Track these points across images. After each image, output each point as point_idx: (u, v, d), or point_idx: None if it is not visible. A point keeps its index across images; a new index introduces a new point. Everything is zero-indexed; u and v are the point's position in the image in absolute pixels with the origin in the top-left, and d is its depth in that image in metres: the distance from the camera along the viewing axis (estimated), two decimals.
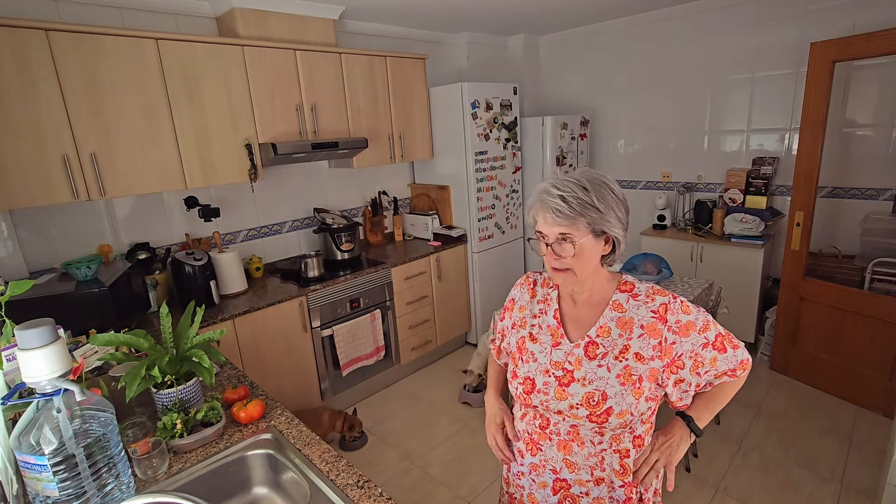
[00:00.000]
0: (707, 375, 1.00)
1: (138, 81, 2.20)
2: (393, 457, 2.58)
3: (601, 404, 0.96)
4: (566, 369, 1.01)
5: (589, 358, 1.00)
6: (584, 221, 0.94)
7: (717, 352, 0.99)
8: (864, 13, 2.81)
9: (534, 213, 1.00)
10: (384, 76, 3.18)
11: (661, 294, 1.01)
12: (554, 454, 1.06)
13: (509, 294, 1.20)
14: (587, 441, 1.02)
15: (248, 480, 1.26)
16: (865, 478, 2.22)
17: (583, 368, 0.99)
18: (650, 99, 3.85)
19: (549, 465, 1.07)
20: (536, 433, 1.08)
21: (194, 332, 1.34)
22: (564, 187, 0.96)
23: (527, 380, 1.05)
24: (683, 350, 0.97)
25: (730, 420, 2.70)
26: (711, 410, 1.06)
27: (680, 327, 0.97)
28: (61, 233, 2.34)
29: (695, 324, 0.97)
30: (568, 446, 1.04)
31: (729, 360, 1.00)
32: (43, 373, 0.83)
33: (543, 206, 0.96)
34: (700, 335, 0.97)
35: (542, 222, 0.97)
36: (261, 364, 2.54)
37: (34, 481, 0.84)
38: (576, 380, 0.99)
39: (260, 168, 2.65)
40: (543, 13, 3.49)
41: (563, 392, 1.00)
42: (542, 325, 1.08)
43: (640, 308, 1.00)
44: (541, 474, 1.09)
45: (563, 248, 0.96)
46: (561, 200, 0.94)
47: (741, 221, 3.23)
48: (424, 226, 3.62)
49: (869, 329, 2.66)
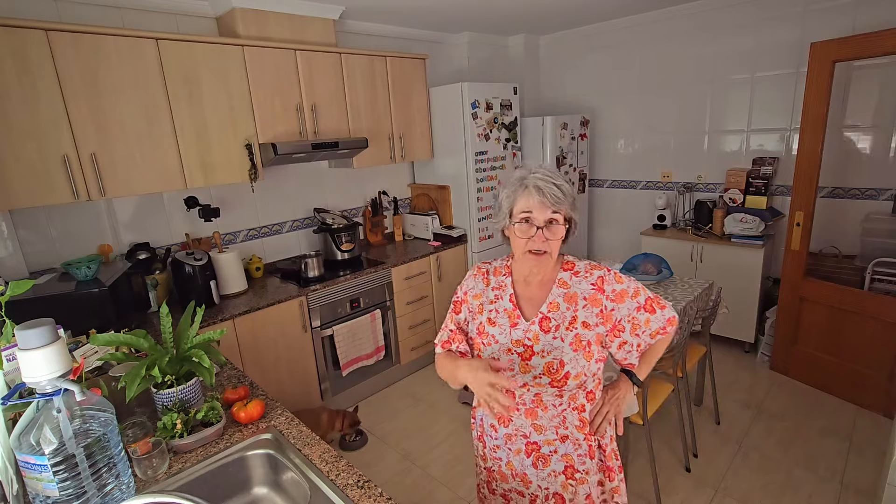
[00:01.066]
0: (644, 336, 1.15)
1: (138, 81, 2.20)
2: (393, 457, 2.58)
3: (560, 370, 1.10)
4: (526, 345, 1.13)
5: (544, 332, 1.13)
6: (567, 207, 1.08)
7: (649, 313, 1.15)
8: (864, 13, 2.81)
9: (524, 198, 1.08)
10: (384, 76, 3.18)
11: (597, 268, 1.17)
12: (523, 421, 1.18)
13: (461, 287, 1.27)
14: (549, 405, 1.15)
15: (248, 480, 1.26)
16: (865, 478, 2.22)
17: (541, 342, 1.12)
18: (650, 99, 3.85)
19: (520, 431, 1.19)
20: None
21: (194, 332, 1.34)
22: (554, 177, 1.09)
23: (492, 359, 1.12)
24: (622, 315, 1.13)
25: (730, 420, 2.70)
26: (649, 364, 1.25)
27: (616, 295, 1.13)
28: (61, 233, 2.34)
29: (627, 291, 1.14)
30: (534, 412, 1.16)
31: (659, 320, 1.16)
32: (43, 373, 0.83)
33: (539, 191, 1.06)
34: (633, 300, 1.14)
35: (536, 206, 1.07)
36: (261, 364, 2.54)
37: (34, 481, 0.84)
38: (535, 353, 1.12)
39: (260, 168, 2.65)
40: (543, 13, 3.49)
41: (527, 365, 1.13)
42: (498, 309, 1.18)
43: (581, 283, 1.15)
44: (514, 442, 1.21)
45: (552, 231, 1.08)
46: (556, 187, 1.07)
47: (741, 221, 3.23)
48: (424, 226, 3.62)
49: (869, 329, 2.66)
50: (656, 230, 3.69)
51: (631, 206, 4.18)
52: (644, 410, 2.01)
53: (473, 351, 1.22)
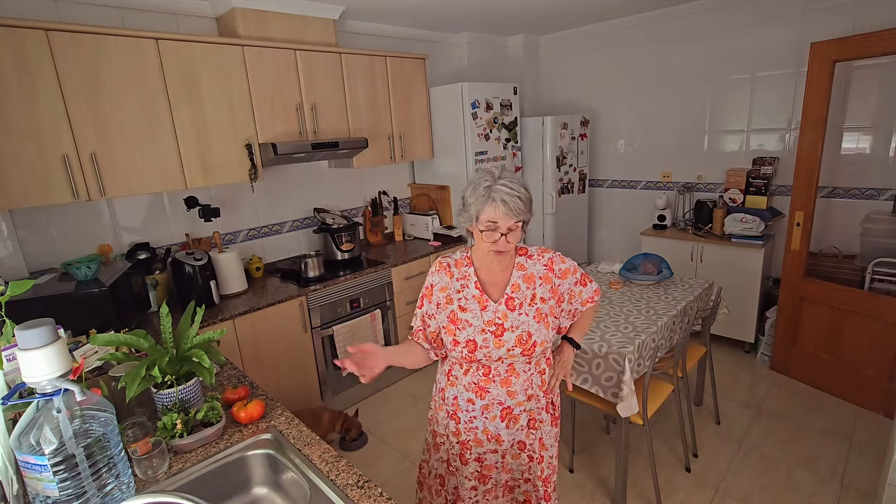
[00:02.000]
0: (576, 303, 1.41)
1: (138, 81, 2.20)
2: (393, 457, 2.58)
3: (528, 340, 1.30)
4: (497, 323, 1.31)
5: (510, 310, 1.32)
6: (527, 215, 1.25)
7: (582, 286, 1.41)
8: (864, 13, 2.81)
9: (489, 208, 1.21)
10: (384, 76, 3.18)
11: (546, 252, 1.39)
12: (498, 391, 1.37)
13: (426, 282, 1.41)
14: (521, 372, 1.36)
15: (248, 480, 1.26)
16: (865, 478, 2.22)
17: (509, 319, 1.31)
18: (650, 99, 3.85)
19: (496, 400, 1.37)
20: (482, 381, 1.36)
21: (194, 332, 1.34)
22: (518, 189, 1.22)
23: (469, 342, 1.30)
24: (565, 289, 1.38)
25: (730, 420, 2.70)
26: (583, 329, 1.50)
27: (561, 273, 1.37)
28: (61, 233, 2.34)
29: (570, 269, 1.39)
30: (508, 381, 1.36)
31: (588, 291, 1.42)
32: (43, 373, 0.83)
33: (504, 204, 1.20)
34: (573, 276, 1.39)
35: (501, 217, 1.21)
36: (261, 364, 2.54)
37: (34, 481, 0.84)
38: (506, 329, 1.30)
39: (260, 168, 2.65)
40: (543, 13, 3.49)
41: (500, 341, 1.30)
42: (467, 296, 1.34)
43: (536, 265, 1.36)
44: (491, 410, 1.38)
45: (513, 234, 1.25)
46: (519, 201, 1.21)
47: (741, 221, 3.23)
48: (424, 226, 3.62)
49: (869, 329, 2.66)
50: (656, 230, 3.69)
51: (631, 206, 4.18)
52: (644, 410, 2.01)
53: (447, 339, 1.35)
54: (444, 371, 1.45)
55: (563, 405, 2.64)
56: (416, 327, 1.42)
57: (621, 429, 2.00)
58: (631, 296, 2.49)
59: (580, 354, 2.03)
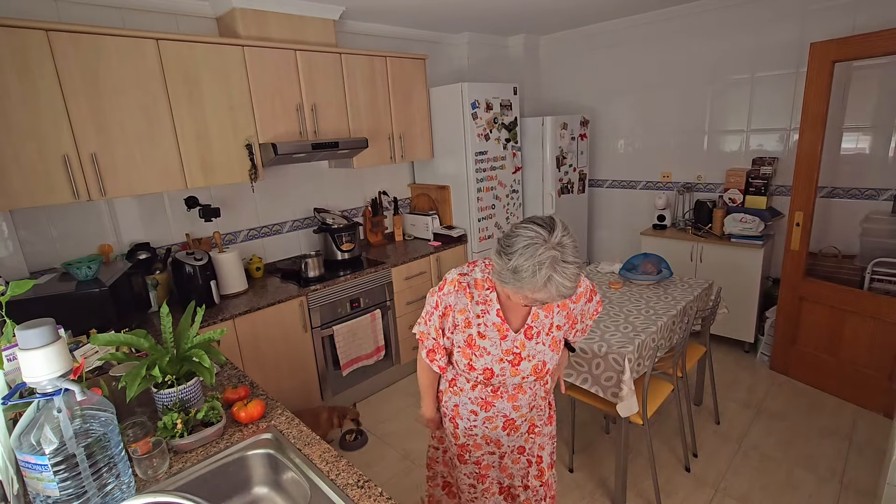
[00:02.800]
0: (586, 318, 1.41)
1: (138, 81, 2.20)
2: (393, 457, 2.58)
3: (543, 369, 1.31)
4: (515, 353, 1.28)
5: (528, 339, 1.29)
6: None
7: (589, 302, 1.39)
8: (864, 13, 2.81)
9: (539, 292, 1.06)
10: (384, 76, 3.18)
11: None
12: (504, 405, 1.36)
13: (442, 301, 1.28)
14: (528, 389, 1.36)
15: (249, 480, 1.26)
16: (865, 478, 2.22)
17: (527, 348, 1.29)
18: (650, 99, 3.85)
19: (500, 413, 1.37)
20: (489, 396, 1.35)
21: (194, 332, 1.34)
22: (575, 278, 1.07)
23: (486, 370, 1.29)
24: (578, 311, 1.37)
25: (730, 420, 2.70)
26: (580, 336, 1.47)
27: (577, 297, 1.34)
28: (61, 233, 2.34)
29: (583, 292, 1.35)
30: (515, 397, 1.35)
31: (595, 304, 1.41)
32: (43, 373, 0.83)
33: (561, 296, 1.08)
34: (585, 296, 1.36)
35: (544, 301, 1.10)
36: (261, 364, 2.54)
37: (35, 481, 0.84)
38: (523, 358, 1.28)
39: (260, 168, 2.65)
40: (543, 13, 3.49)
41: (516, 370, 1.29)
42: (486, 323, 1.28)
43: None
44: (493, 421, 1.38)
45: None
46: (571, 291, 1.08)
47: (741, 221, 3.23)
48: (424, 226, 3.62)
49: (869, 329, 2.66)
50: (656, 230, 3.69)
51: (631, 206, 4.18)
52: (644, 410, 2.01)
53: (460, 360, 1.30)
54: (448, 379, 1.42)
55: (563, 406, 2.65)
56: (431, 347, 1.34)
57: (621, 429, 2.00)
58: (631, 296, 2.49)
59: (579, 354, 2.03)
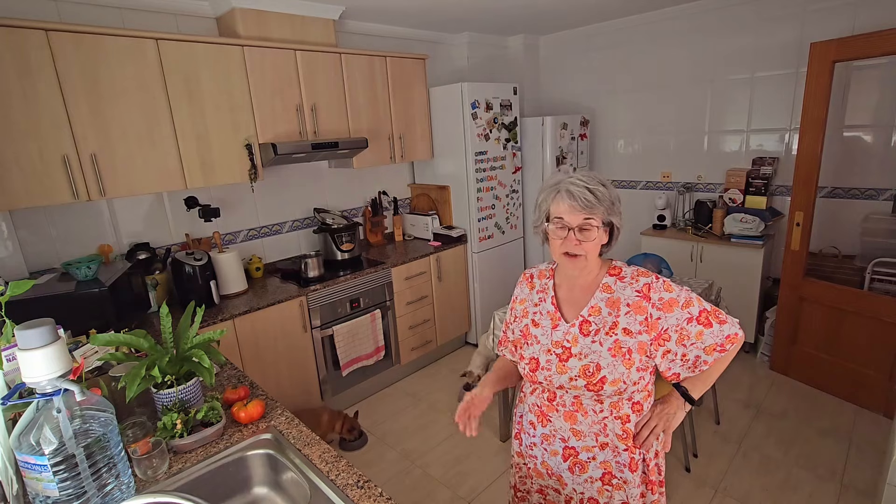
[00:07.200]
0: (693, 348, 1.08)
1: (138, 82, 2.20)
2: (393, 457, 2.58)
3: (596, 374, 1.09)
4: (565, 346, 1.14)
5: (583, 335, 1.12)
6: (603, 210, 1.08)
7: (703, 326, 1.07)
8: (864, 13, 2.81)
9: (556, 202, 1.09)
10: (384, 76, 3.18)
11: (644, 275, 1.13)
12: (561, 424, 1.19)
13: (514, 296, 1.31)
14: (589, 410, 1.14)
15: (248, 480, 1.25)
16: (865, 478, 2.22)
17: (579, 344, 1.12)
18: (650, 99, 3.84)
19: (558, 434, 1.20)
20: (545, 405, 1.20)
21: (194, 332, 1.34)
22: (589, 181, 1.08)
23: (532, 359, 1.18)
24: (669, 325, 1.08)
25: (730, 420, 2.70)
26: (705, 382, 1.17)
27: (663, 304, 1.08)
28: (61, 233, 2.34)
29: (677, 300, 1.08)
30: (573, 416, 1.17)
31: (715, 335, 1.07)
32: (43, 373, 0.83)
33: (570, 195, 1.06)
34: (683, 310, 1.08)
35: (567, 210, 1.07)
36: (261, 364, 2.54)
37: (34, 481, 0.84)
38: (573, 355, 1.12)
39: (260, 168, 2.65)
40: (543, 13, 3.49)
41: (563, 367, 1.13)
42: (542, 311, 1.20)
43: (626, 289, 1.12)
44: (552, 443, 1.22)
45: (585, 234, 1.07)
46: (588, 192, 1.06)
47: (741, 221, 3.23)
48: (424, 226, 3.62)
49: (869, 329, 2.66)
50: (656, 230, 3.69)
51: (631, 206, 4.17)
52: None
53: (517, 350, 1.25)
54: (521, 386, 1.35)
55: None
56: (500, 339, 1.34)
57: None
58: None
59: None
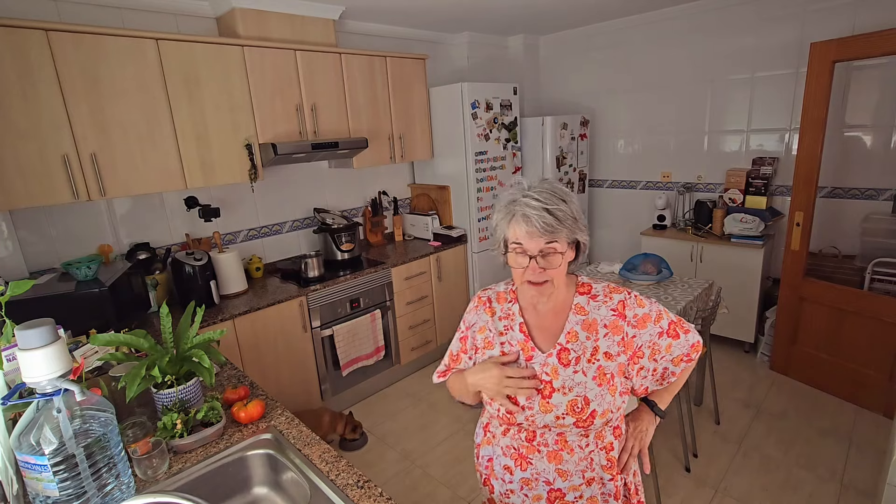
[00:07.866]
0: (663, 361, 1.03)
1: (138, 81, 2.20)
2: (393, 457, 2.58)
3: (585, 409, 0.98)
4: (544, 380, 1.01)
5: (563, 365, 1.01)
6: (566, 231, 0.95)
7: (672, 339, 1.03)
8: (864, 13, 2.81)
9: (512, 226, 0.97)
10: (384, 76, 3.18)
11: (617, 292, 1.05)
12: (545, 466, 1.05)
13: (465, 321, 1.15)
14: (575, 447, 1.04)
15: (248, 480, 1.25)
16: (865, 478, 2.22)
17: (560, 377, 1.00)
18: (650, 99, 3.84)
19: (541, 477, 1.06)
20: (524, 447, 1.07)
21: (194, 332, 1.34)
22: (548, 200, 0.94)
23: (508, 398, 1.02)
24: (643, 341, 1.01)
25: (730, 420, 2.70)
26: (671, 393, 1.14)
27: (637, 321, 1.02)
28: (61, 233, 2.34)
29: (650, 315, 1.02)
30: (558, 456, 1.04)
31: (682, 346, 1.04)
32: (43, 373, 0.83)
33: (526, 219, 0.93)
34: (655, 325, 1.02)
35: (525, 236, 0.95)
36: (261, 364, 2.54)
37: (34, 481, 0.84)
38: (556, 389, 1.00)
39: (260, 168, 2.65)
40: (543, 13, 3.49)
41: (547, 405, 1.00)
42: (510, 341, 1.06)
43: (600, 308, 1.04)
44: (533, 488, 1.08)
45: (549, 261, 0.95)
46: (547, 213, 0.93)
47: (741, 221, 3.23)
48: (424, 226, 3.62)
49: (869, 329, 2.66)
50: (656, 230, 3.69)
51: (631, 206, 4.18)
52: None
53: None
54: (482, 423, 1.19)
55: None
56: (442, 369, 1.19)
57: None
58: None
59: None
